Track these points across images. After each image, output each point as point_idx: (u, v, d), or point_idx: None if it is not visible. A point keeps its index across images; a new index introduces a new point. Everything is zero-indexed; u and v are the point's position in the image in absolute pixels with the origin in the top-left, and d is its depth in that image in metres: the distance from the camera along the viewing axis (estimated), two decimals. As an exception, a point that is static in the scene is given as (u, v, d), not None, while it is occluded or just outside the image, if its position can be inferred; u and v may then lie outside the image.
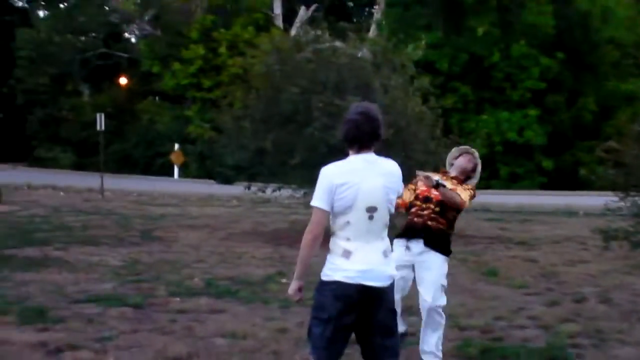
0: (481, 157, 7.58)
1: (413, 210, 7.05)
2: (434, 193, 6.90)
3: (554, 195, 29.91)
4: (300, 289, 5.05)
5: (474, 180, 7.33)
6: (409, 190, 7.11)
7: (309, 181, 17.27)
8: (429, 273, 7.01)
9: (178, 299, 9.67)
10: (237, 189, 22.98)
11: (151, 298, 9.60)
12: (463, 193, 6.96)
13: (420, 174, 6.94)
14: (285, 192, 18.63)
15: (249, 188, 18.74)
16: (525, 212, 24.11)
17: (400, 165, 5.01)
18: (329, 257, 4.92)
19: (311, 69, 16.71)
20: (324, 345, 4.86)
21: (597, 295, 10.37)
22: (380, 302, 4.92)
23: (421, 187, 7.09)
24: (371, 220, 4.86)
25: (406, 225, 7.07)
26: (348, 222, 4.84)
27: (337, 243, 4.88)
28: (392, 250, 5.06)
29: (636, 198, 13.89)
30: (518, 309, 9.56)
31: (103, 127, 26.60)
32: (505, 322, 8.88)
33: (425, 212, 6.96)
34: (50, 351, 7.15)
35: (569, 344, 7.82)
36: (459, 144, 17.93)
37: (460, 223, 19.94)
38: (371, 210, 4.85)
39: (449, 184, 6.95)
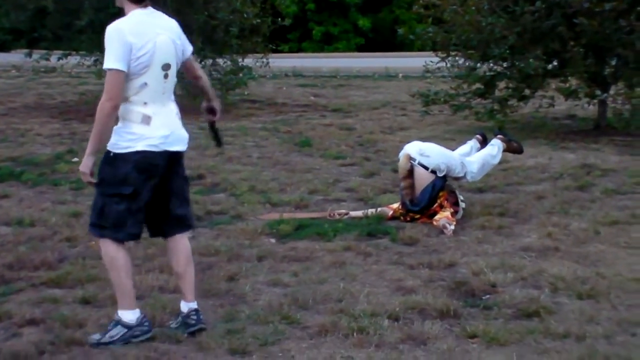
0: (292, 17, 7.70)
1: None
2: None
3: (371, 58, 30.42)
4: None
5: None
6: None
7: (99, 46, 16.82)
8: None
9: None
10: (16, 56, 22.13)
11: None
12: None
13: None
14: (73, 59, 18.09)
15: (30, 55, 18.02)
16: (341, 76, 24.50)
17: (203, 24, 4.96)
18: (121, 127, 4.85)
19: None
20: (133, 221, 4.91)
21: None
22: (178, 168, 5.07)
23: None
24: (166, 80, 4.88)
25: None
26: (145, 84, 4.80)
27: (133, 109, 4.82)
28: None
29: (457, 58, 14.31)
30: (334, 181, 9.85)
31: None
32: (321, 195, 9.14)
33: None
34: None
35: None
36: (265, 1, 17.78)
37: (269, 90, 20.21)
38: (166, 67, 4.86)
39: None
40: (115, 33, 4.70)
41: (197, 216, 8.02)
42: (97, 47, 16.79)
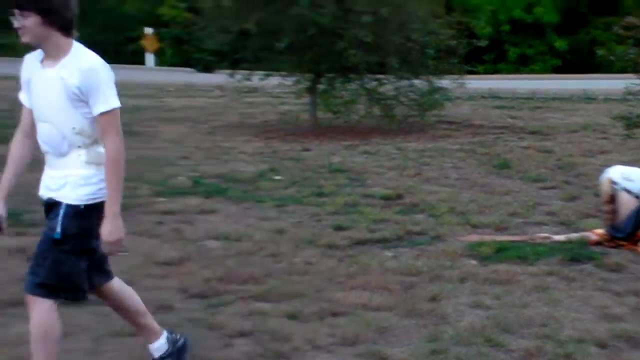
0: (487, 37, 7.72)
1: None
2: None
3: (569, 79, 29.85)
4: None
5: None
6: None
7: (300, 67, 17.24)
8: None
9: (164, 199, 9.76)
10: (219, 77, 22.88)
11: (134, 198, 9.47)
12: None
13: None
14: (274, 79, 18.57)
15: (232, 76, 18.66)
16: (538, 98, 24.13)
17: (399, 46, 4.87)
18: (96, 173, 4.27)
19: None
20: (86, 278, 4.33)
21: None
22: None
23: None
24: None
25: None
26: None
27: (101, 151, 4.24)
28: None
29: (661, 80, 13.89)
30: (535, 204, 9.69)
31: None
32: (521, 218, 9.00)
33: None
34: (30, 257, 7.16)
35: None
36: (460, 23, 17.85)
37: (465, 111, 20.12)
38: None
39: None
40: (108, 69, 4.24)
41: (397, 236, 8.11)
42: (296, 68, 17.22)
